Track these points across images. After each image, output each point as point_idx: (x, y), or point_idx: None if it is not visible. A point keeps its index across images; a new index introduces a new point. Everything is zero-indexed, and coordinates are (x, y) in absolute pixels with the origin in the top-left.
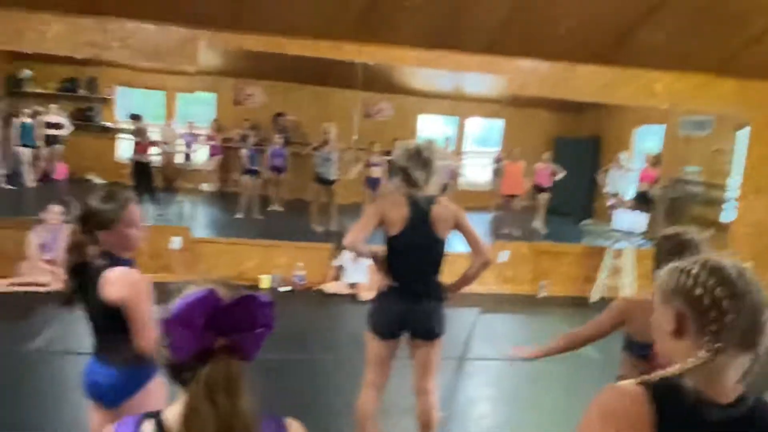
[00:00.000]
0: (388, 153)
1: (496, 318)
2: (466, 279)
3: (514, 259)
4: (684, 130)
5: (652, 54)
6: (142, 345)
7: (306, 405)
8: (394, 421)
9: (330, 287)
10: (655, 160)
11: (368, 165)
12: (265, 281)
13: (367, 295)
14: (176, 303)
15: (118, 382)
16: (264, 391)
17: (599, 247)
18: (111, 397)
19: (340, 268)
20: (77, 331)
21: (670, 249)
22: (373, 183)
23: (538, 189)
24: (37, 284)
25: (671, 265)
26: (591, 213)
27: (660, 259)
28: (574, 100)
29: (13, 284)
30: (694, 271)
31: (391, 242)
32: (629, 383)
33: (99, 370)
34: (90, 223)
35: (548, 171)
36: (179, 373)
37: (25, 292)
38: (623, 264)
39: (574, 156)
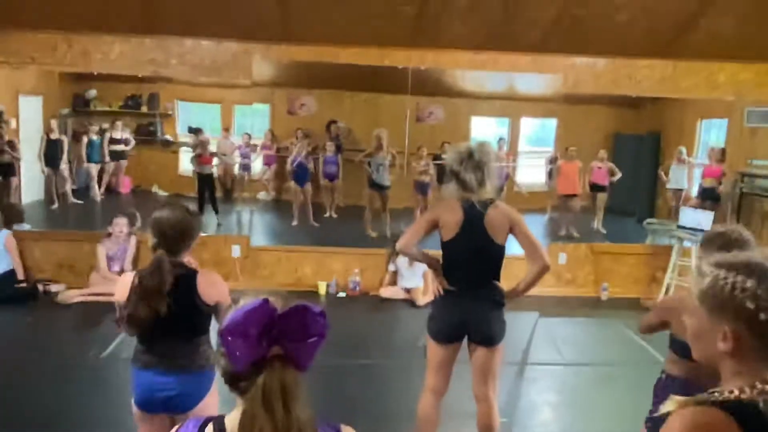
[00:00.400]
0: (437, 157)
1: (556, 322)
2: (524, 285)
3: (573, 260)
4: (750, 122)
5: (714, 44)
6: None
7: (364, 410)
8: (454, 426)
9: (386, 292)
10: (720, 155)
11: (417, 170)
12: (322, 287)
13: (423, 299)
14: (232, 314)
15: (194, 385)
16: (322, 396)
17: (664, 246)
18: (185, 402)
19: (395, 273)
20: None
21: (720, 247)
22: (422, 187)
23: (596, 188)
24: (106, 294)
25: (713, 269)
26: (653, 211)
27: None
28: (633, 95)
29: (84, 295)
30: (746, 285)
31: (446, 247)
32: (703, 408)
33: (167, 379)
34: (182, 242)
35: (605, 169)
36: (237, 382)
37: (96, 303)
38: (690, 263)
39: (634, 152)
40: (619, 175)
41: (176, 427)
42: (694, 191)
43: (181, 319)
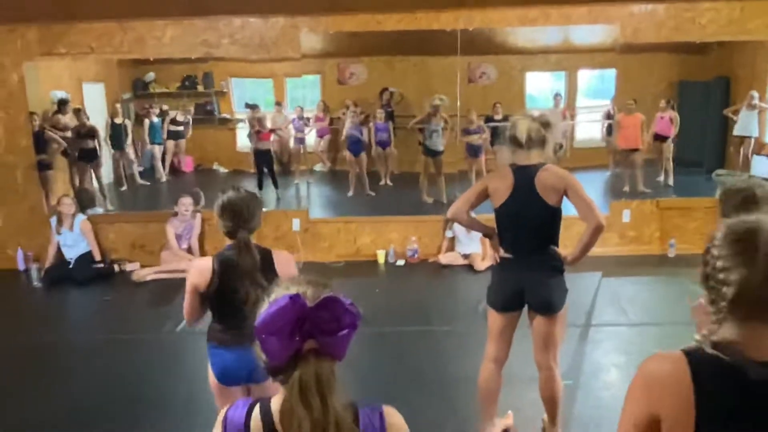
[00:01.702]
0: (489, 119)
1: (620, 281)
2: (581, 248)
3: (638, 217)
4: None
5: None
6: None
7: (426, 376)
8: (516, 392)
9: (444, 259)
10: None
11: (467, 132)
12: (380, 257)
13: (482, 264)
14: (264, 311)
15: None
16: (386, 363)
17: None
18: (263, 373)
19: (453, 239)
20: None
21: (736, 205)
22: (473, 150)
23: (660, 139)
24: (177, 271)
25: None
26: (723, 162)
27: (726, 216)
28: (698, 41)
29: (157, 272)
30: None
31: (499, 213)
32: (670, 352)
33: (247, 355)
34: (253, 220)
35: (667, 118)
36: (276, 374)
37: (168, 279)
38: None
39: (701, 100)
40: (677, 123)
41: (226, 408)
42: (767, 138)
43: (260, 293)
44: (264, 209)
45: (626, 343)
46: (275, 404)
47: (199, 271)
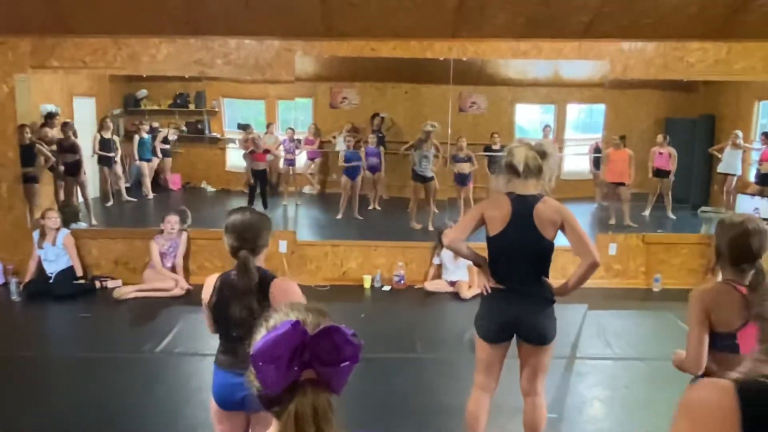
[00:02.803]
0: (488, 147)
1: (606, 314)
2: (574, 282)
3: (623, 251)
4: None
5: None
6: None
7: (411, 404)
8: (501, 423)
9: (431, 286)
10: None
11: (455, 161)
12: (367, 281)
13: (469, 293)
14: (261, 338)
15: None
16: (369, 390)
17: None
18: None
19: (440, 266)
20: (198, 334)
21: (733, 240)
22: (461, 178)
23: (660, 173)
24: (160, 290)
25: None
26: (708, 198)
27: (721, 251)
28: (685, 79)
29: (139, 290)
30: None
31: (493, 242)
32: (722, 380)
33: (240, 380)
34: (257, 240)
35: (666, 154)
36: (271, 405)
37: (150, 298)
38: None
39: (687, 137)
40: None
41: None
42: (750, 177)
43: (256, 320)
44: None
45: (611, 377)
46: None
47: (206, 286)
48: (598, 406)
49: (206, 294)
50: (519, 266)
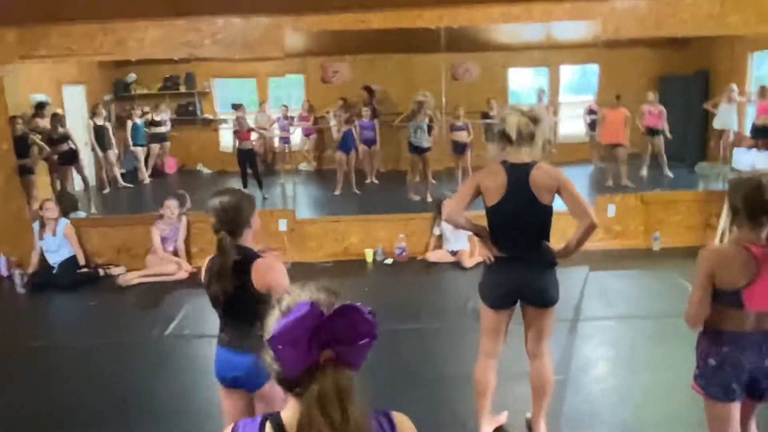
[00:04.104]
0: (485, 115)
1: (607, 275)
2: (573, 245)
3: (622, 212)
4: None
5: None
6: None
7: (418, 373)
8: (508, 387)
9: (432, 256)
10: None
11: (452, 129)
12: (369, 255)
13: (471, 261)
14: (278, 321)
15: (260, 367)
16: (376, 363)
17: (718, 191)
18: (253, 382)
19: (440, 236)
20: (204, 317)
21: (747, 195)
22: (459, 147)
23: (651, 132)
24: (164, 274)
25: None
26: (704, 155)
27: (736, 208)
28: (679, 36)
29: (143, 276)
30: None
31: (492, 212)
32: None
33: (236, 358)
34: (237, 221)
35: (657, 111)
36: (291, 387)
37: (155, 283)
38: None
39: (682, 94)
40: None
41: (229, 427)
42: (746, 131)
43: (239, 301)
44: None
45: (615, 336)
46: (287, 417)
47: (203, 267)
48: (603, 366)
49: (202, 275)
50: (519, 233)
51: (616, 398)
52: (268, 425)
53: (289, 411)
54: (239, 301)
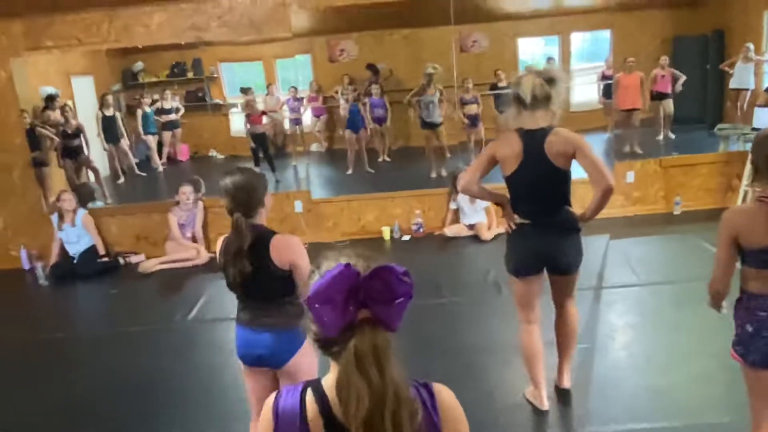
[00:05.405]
0: (494, 86)
1: (628, 242)
2: (592, 209)
3: (641, 178)
4: None
5: None
6: None
7: (441, 347)
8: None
9: (450, 231)
10: None
11: (463, 103)
12: (386, 233)
13: (488, 234)
14: (316, 282)
15: (283, 343)
16: (400, 338)
17: (738, 152)
18: (277, 358)
19: (457, 210)
20: (226, 300)
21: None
22: (471, 120)
23: (659, 96)
24: (183, 260)
25: None
26: (723, 116)
27: (759, 166)
28: None
29: (162, 263)
30: None
31: (510, 181)
32: None
33: (259, 336)
34: (251, 201)
35: (668, 76)
36: (329, 348)
37: (175, 269)
38: None
39: (698, 55)
40: (683, 79)
41: (272, 398)
42: (763, 89)
43: (260, 279)
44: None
45: (639, 303)
46: (328, 383)
47: (217, 248)
48: (629, 331)
49: (217, 256)
50: (540, 200)
51: (644, 362)
52: (309, 391)
53: (329, 376)
54: (259, 279)
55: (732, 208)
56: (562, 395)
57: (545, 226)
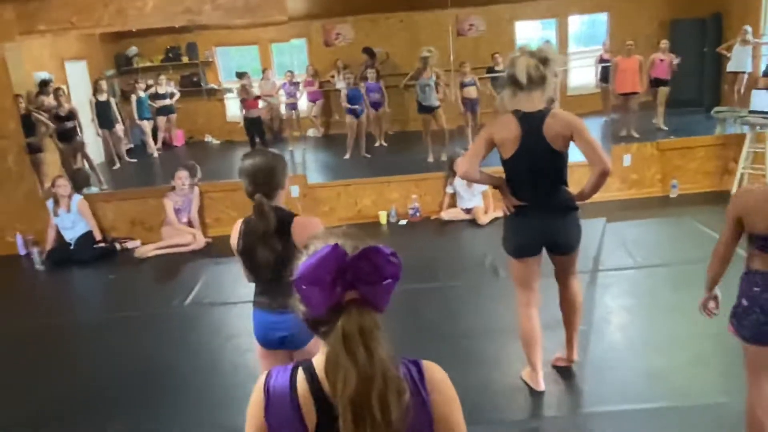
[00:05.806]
0: (491, 69)
1: (625, 225)
2: (588, 190)
3: (638, 161)
4: None
5: None
6: None
7: (439, 330)
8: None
9: (447, 215)
10: None
11: (462, 86)
12: (382, 217)
13: (485, 218)
14: (303, 262)
15: (303, 325)
16: (398, 322)
17: (735, 135)
18: (299, 340)
19: (454, 194)
20: (224, 284)
21: None
22: (469, 104)
23: (657, 82)
24: (179, 245)
25: None
26: (720, 99)
27: None
28: None
29: (159, 248)
30: None
31: (508, 164)
32: None
33: (282, 318)
34: (271, 183)
35: (667, 61)
36: (318, 327)
37: (171, 254)
38: (766, 149)
39: (695, 39)
40: (677, 60)
41: (263, 377)
42: (761, 73)
43: (282, 261)
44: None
45: (635, 285)
46: (318, 362)
47: (233, 232)
48: (625, 314)
49: (234, 240)
50: (537, 182)
51: (640, 345)
52: (299, 371)
53: (320, 355)
54: (283, 261)
55: (741, 188)
56: (561, 375)
57: (544, 207)
